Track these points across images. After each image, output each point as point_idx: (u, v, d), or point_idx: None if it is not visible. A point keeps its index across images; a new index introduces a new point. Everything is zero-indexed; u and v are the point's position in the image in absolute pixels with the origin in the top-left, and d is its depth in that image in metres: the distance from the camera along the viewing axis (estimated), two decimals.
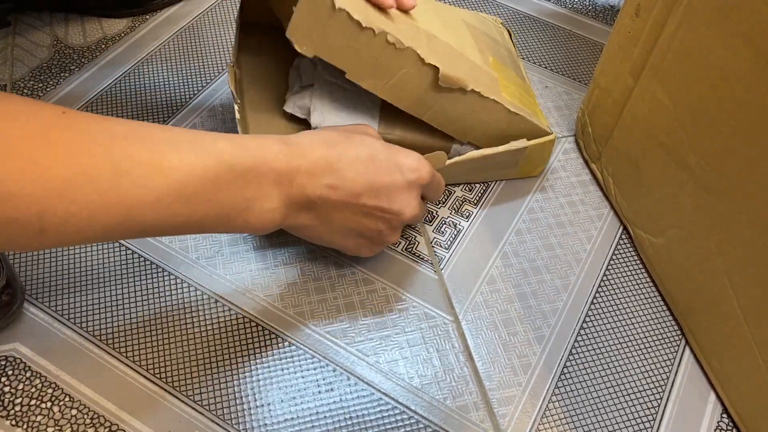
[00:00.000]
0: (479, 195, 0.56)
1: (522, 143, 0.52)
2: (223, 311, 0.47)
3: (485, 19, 0.62)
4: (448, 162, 0.51)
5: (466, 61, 0.50)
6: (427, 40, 0.47)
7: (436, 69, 0.46)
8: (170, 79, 0.63)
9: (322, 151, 0.40)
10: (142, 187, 0.33)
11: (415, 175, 0.43)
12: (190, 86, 0.62)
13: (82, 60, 0.63)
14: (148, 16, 0.69)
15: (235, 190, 0.37)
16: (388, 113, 0.50)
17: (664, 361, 0.47)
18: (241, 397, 0.43)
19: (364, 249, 0.46)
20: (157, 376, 0.44)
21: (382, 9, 0.46)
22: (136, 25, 0.68)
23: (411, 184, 0.43)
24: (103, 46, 0.65)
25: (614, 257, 0.53)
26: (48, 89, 0.60)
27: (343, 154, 0.40)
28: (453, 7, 0.59)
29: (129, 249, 0.50)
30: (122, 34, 0.67)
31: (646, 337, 0.48)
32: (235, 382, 0.44)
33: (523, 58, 0.68)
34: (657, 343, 0.48)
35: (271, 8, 0.56)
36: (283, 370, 0.45)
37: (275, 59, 0.57)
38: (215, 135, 0.37)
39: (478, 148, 0.52)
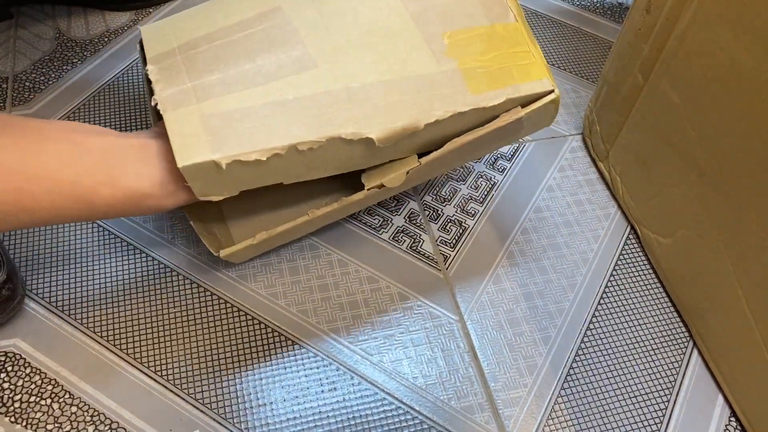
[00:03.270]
0: (485, 193, 0.55)
1: (516, 113, 0.42)
2: (226, 309, 0.47)
3: None
4: (432, 157, 0.43)
5: (410, 86, 0.41)
6: (348, 100, 0.39)
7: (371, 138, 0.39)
8: None
9: None
10: None
11: None
12: None
13: (85, 53, 0.63)
14: (151, 9, 0.68)
15: None
16: None
17: (672, 363, 0.47)
18: (243, 396, 0.43)
19: None
20: (159, 373, 0.43)
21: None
22: (139, 18, 0.67)
23: None
24: (105, 39, 0.65)
25: (621, 257, 0.52)
26: (50, 82, 0.60)
27: None
28: None
29: (131, 245, 0.50)
30: (125, 27, 0.66)
31: (653, 339, 0.48)
32: (237, 380, 0.43)
33: None
34: (664, 344, 0.48)
35: None
36: (285, 368, 0.44)
37: None
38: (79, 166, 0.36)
39: None
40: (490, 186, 0.56)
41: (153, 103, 0.39)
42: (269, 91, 0.39)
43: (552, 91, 0.43)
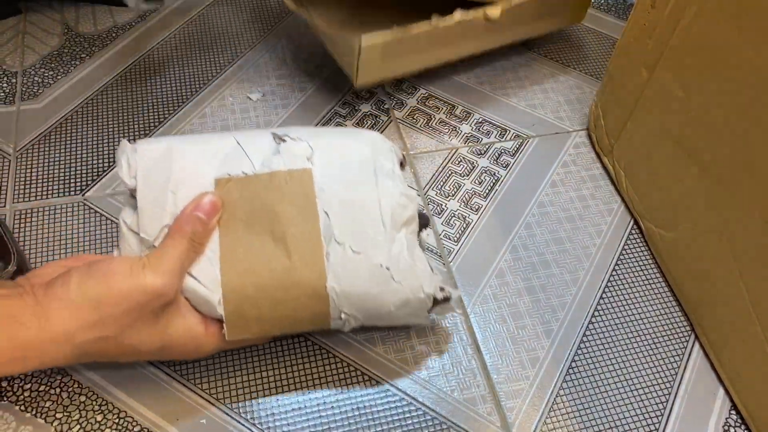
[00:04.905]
0: (489, 188, 0.56)
1: None
2: None
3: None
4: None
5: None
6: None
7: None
8: (180, 68, 0.63)
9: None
10: None
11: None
12: (201, 76, 0.62)
13: (93, 48, 0.63)
14: (158, 6, 0.68)
15: None
16: None
17: (673, 356, 0.47)
18: (249, 386, 0.43)
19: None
20: (166, 364, 0.44)
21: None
22: (147, 13, 0.68)
23: None
24: (113, 34, 0.65)
25: (624, 251, 0.53)
26: (59, 77, 0.60)
27: None
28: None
29: None
30: (133, 23, 0.66)
31: (655, 332, 0.48)
32: (243, 371, 0.44)
33: (533, 51, 0.68)
34: (666, 338, 0.48)
35: None
36: (290, 360, 0.45)
37: None
38: None
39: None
40: (493, 181, 0.56)
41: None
42: None
43: None
